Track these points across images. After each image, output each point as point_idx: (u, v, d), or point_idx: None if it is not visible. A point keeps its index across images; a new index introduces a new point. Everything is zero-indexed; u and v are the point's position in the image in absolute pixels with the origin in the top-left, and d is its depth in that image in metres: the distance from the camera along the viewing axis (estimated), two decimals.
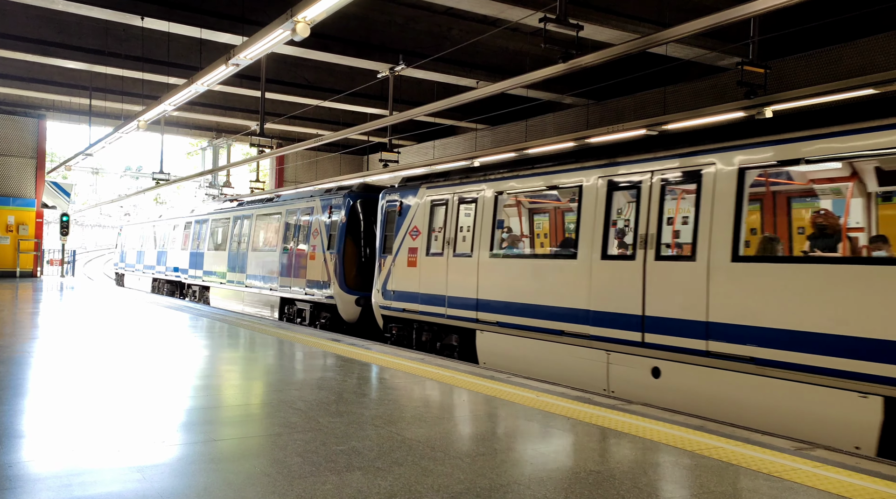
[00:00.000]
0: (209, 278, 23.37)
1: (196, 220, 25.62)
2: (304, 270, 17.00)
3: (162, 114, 16.53)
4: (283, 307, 18.31)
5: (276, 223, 19.19)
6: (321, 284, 16.13)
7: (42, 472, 4.32)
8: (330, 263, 15.73)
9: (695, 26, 8.28)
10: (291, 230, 18.06)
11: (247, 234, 20.72)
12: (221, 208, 24.33)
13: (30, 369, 7.87)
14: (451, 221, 12.33)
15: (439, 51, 16.56)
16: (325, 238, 16.18)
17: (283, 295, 18.06)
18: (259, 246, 19.99)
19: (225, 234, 22.65)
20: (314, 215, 16.96)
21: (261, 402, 6.73)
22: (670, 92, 18.12)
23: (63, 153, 53.22)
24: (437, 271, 12.42)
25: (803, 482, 4.44)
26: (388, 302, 13.80)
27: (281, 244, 18.38)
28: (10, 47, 17.25)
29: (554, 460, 4.84)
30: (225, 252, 22.17)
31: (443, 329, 12.52)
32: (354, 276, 15.57)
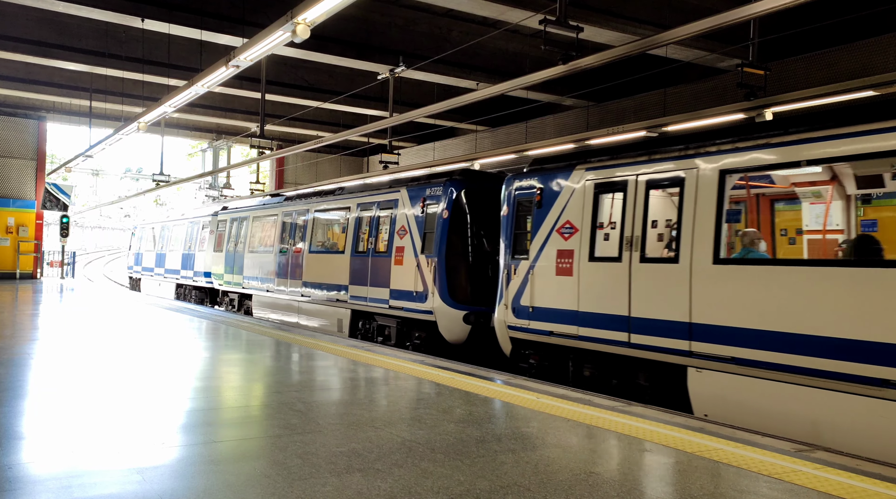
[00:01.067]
0: (251, 285, 20.23)
1: (232, 218, 22.41)
2: (386, 278, 13.94)
3: (162, 115, 16.54)
4: (357, 322, 15.21)
5: (342, 220, 16.25)
6: (413, 295, 13.08)
7: (42, 473, 4.32)
8: (426, 269, 12.70)
9: (695, 28, 8.29)
10: (365, 228, 15.07)
11: (301, 233, 17.73)
12: (265, 203, 21.10)
13: (30, 371, 7.87)
14: (635, 214, 9.06)
15: (439, 52, 16.57)
16: (416, 238, 13.17)
17: (356, 308, 14.94)
18: (319, 248, 17.14)
19: (271, 233, 19.62)
20: (398, 209, 13.93)
21: (261, 403, 6.72)
22: (670, 93, 18.14)
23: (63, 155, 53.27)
24: (610, 283, 9.23)
25: (804, 484, 4.44)
26: (524, 322, 10.55)
27: (351, 246, 15.34)
28: (11, 49, 17.26)
29: (554, 462, 4.83)
30: (272, 255, 19.04)
31: (622, 362, 9.25)
32: (462, 285, 12.50)
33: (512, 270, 10.95)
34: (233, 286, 21.65)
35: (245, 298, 21.06)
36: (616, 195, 9.55)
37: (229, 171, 32.01)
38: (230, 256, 21.94)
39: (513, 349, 11.02)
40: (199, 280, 24.55)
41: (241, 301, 21.43)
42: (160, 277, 29.11)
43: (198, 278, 24.61)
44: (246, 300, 20.95)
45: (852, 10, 13.77)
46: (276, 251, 18.88)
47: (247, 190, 31.01)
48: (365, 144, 28.94)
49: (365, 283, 14.65)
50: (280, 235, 18.85)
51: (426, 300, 12.72)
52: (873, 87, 9.14)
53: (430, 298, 12.61)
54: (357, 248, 15.16)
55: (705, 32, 8.47)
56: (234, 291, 21.77)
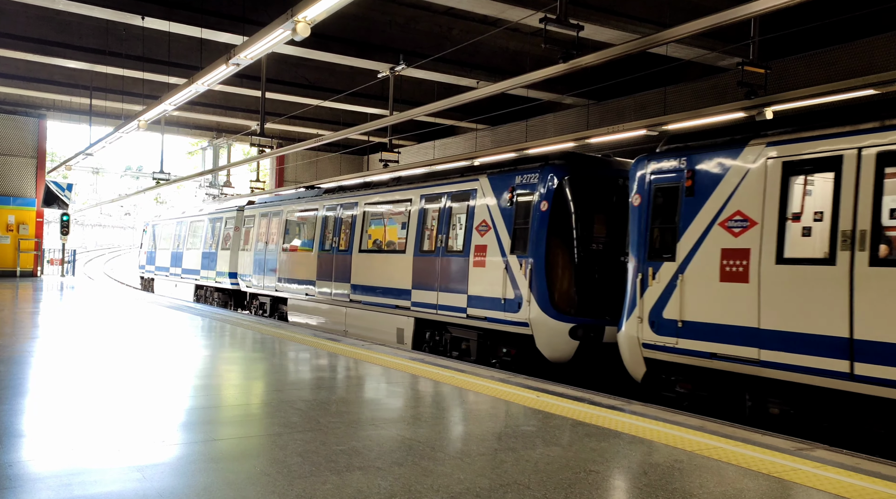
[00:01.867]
0: (286, 288, 18.12)
1: (262, 213, 20.29)
2: (461, 282, 11.85)
3: (162, 113, 16.54)
4: (422, 333, 13.17)
5: (401, 214, 14.31)
6: (501, 303, 10.93)
7: (42, 471, 4.32)
8: (518, 271, 10.68)
9: (695, 26, 8.29)
10: (432, 224, 13.08)
11: (349, 230, 15.68)
12: (302, 196, 18.85)
13: (30, 369, 7.87)
14: (859, 200, 6.81)
15: (440, 51, 16.56)
16: (503, 234, 11.09)
17: (421, 316, 12.93)
18: (372, 246, 15.17)
19: (310, 230, 17.68)
20: (477, 201, 11.87)
21: (261, 401, 6.73)
22: (671, 92, 18.12)
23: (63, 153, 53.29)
24: (814, 292, 7.09)
25: (803, 483, 4.44)
26: (668, 339, 8.47)
27: (414, 244, 13.25)
28: (11, 47, 17.26)
29: (554, 460, 4.83)
30: (311, 254, 17.01)
31: (837, 400, 7.07)
32: (568, 293, 10.42)
33: (649, 274, 8.76)
34: (264, 289, 19.43)
35: (279, 302, 19.00)
36: (822, 176, 7.35)
37: (229, 169, 31.98)
38: (260, 256, 19.76)
39: (647, 373, 8.79)
40: (222, 281, 22.37)
41: (274, 306, 19.34)
42: (176, 277, 27.00)
43: (221, 280, 22.41)
44: (280, 305, 18.91)
45: (853, 9, 13.76)
46: (316, 250, 16.88)
47: (247, 188, 31.04)
48: (365, 143, 28.94)
49: (433, 287, 12.58)
50: (321, 232, 16.77)
51: (519, 309, 10.62)
52: (874, 86, 9.14)
53: (525, 307, 10.51)
54: (421, 246, 13.11)
55: (706, 31, 8.47)
56: (265, 294, 19.62)
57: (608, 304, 10.27)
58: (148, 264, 31.12)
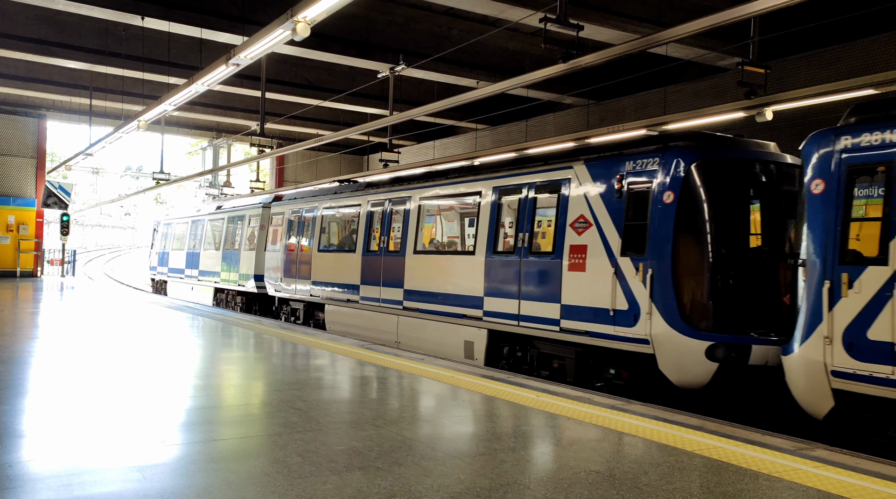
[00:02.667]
0: (324, 293, 16.32)
1: (292, 210, 18.48)
2: (552, 289, 10.11)
3: (162, 114, 16.54)
4: (498, 347, 11.45)
5: (467, 209, 12.97)
6: (609, 314, 9.22)
7: (42, 471, 4.32)
8: (633, 277, 8.95)
9: (695, 26, 8.29)
10: (509, 220, 11.60)
11: (400, 228, 14.04)
12: (339, 191, 16.94)
13: (30, 369, 7.87)
14: None
15: (439, 51, 16.56)
16: (610, 232, 9.36)
17: (496, 328, 11.23)
18: (429, 247, 13.61)
19: (352, 228, 15.95)
20: (571, 192, 10.06)
21: (261, 402, 6.73)
22: (671, 92, 18.13)
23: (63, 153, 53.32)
24: None
25: (803, 482, 4.44)
26: (876, 368, 6.69)
27: (486, 244, 11.59)
28: (11, 47, 17.26)
29: (554, 460, 4.83)
30: (354, 255, 15.22)
31: None
32: (703, 302, 8.65)
33: (842, 282, 6.94)
34: (296, 294, 17.58)
35: (314, 308, 17.23)
36: None
37: (229, 169, 31.98)
38: (291, 257, 17.93)
39: (836, 408, 6.98)
40: (246, 284, 20.57)
41: (309, 312, 17.53)
42: (192, 280, 25.12)
43: (245, 282, 20.63)
44: (316, 311, 17.13)
45: (853, 9, 13.77)
46: (360, 250, 15.03)
47: (247, 188, 31.04)
48: (365, 143, 28.95)
49: (512, 294, 10.88)
50: (366, 231, 14.94)
51: (635, 323, 8.92)
52: (874, 86, 9.14)
53: (644, 321, 8.80)
54: (495, 246, 11.42)
55: (705, 31, 8.47)
56: (297, 299, 17.70)
57: (754, 317, 8.47)
58: (160, 266, 29.26)
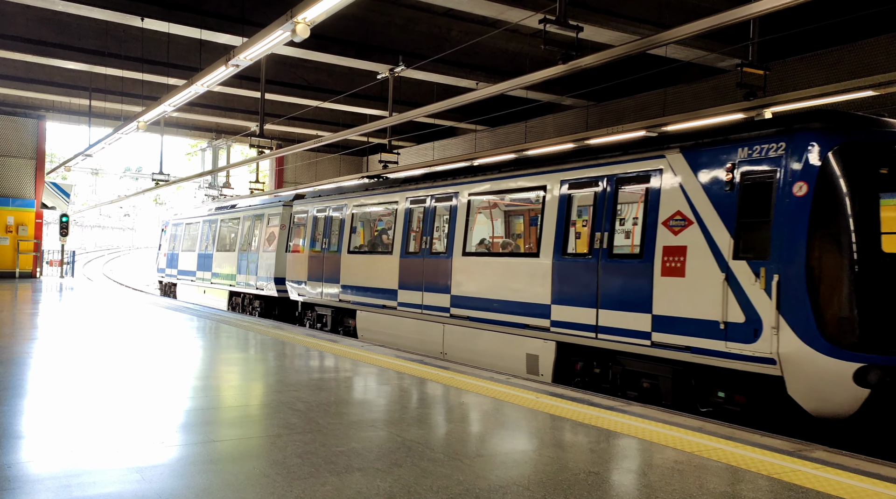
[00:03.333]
0: (355, 299, 14.93)
1: (317, 208, 17.07)
2: (641, 296, 8.75)
3: (161, 115, 16.54)
4: (568, 362, 10.04)
5: (527, 206, 12.01)
6: (719, 328, 7.81)
7: (41, 472, 4.31)
8: (752, 285, 7.58)
9: (695, 28, 8.29)
10: (581, 218, 10.38)
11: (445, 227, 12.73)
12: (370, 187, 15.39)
13: (29, 370, 7.86)
14: None
15: (439, 52, 16.57)
16: (717, 232, 8.00)
17: (566, 340, 9.85)
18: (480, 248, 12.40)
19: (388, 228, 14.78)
20: (664, 184, 8.72)
21: (260, 403, 6.72)
22: (671, 93, 18.14)
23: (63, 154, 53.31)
24: None
25: (802, 484, 4.44)
26: None
27: (553, 244, 10.17)
28: (10, 48, 17.26)
29: (554, 462, 4.83)
30: (392, 257, 13.85)
31: None
32: (849, 315, 7.14)
33: None
34: (323, 298, 16.19)
35: (344, 314, 15.87)
36: None
37: (229, 170, 31.98)
38: (317, 259, 16.69)
39: None
40: (265, 288, 19.36)
41: (337, 318, 16.17)
42: (204, 282, 23.94)
43: (264, 286, 19.41)
44: (346, 318, 15.77)
45: (853, 10, 13.78)
46: (398, 252, 13.73)
47: (246, 189, 31.02)
48: (364, 144, 28.95)
49: (588, 302, 9.47)
50: (405, 231, 13.72)
51: (756, 338, 7.50)
52: (874, 87, 9.14)
53: (769, 336, 7.37)
54: (565, 248, 10.04)
55: (705, 32, 8.47)
56: (325, 304, 16.32)
57: None
58: (168, 268, 27.87)
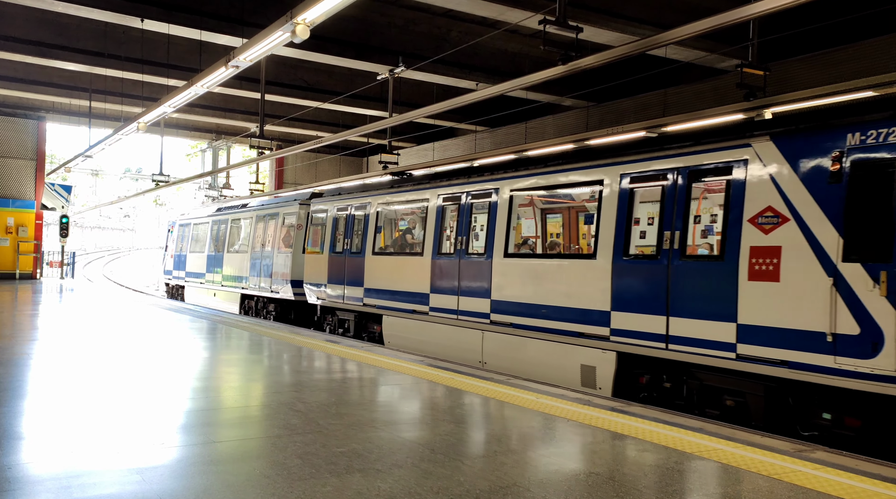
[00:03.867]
0: (381, 303, 14.08)
1: (338, 207, 16.18)
2: (723, 304, 7.89)
3: (161, 116, 16.53)
4: (630, 374, 9.14)
5: (583, 203, 11.18)
6: (826, 340, 6.98)
7: (41, 473, 4.31)
8: (869, 291, 6.72)
9: (694, 28, 8.29)
10: (645, 214, 9.22)
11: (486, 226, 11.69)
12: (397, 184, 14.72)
13: (29, 371, 7.86)
14: None
15: (439, 53, 16.57)
16: (821, 230, 7.14)
17: (631, 350, 8.96)
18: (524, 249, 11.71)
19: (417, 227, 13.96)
20: (749, 176, 7.91)
21: (260, 404, 6.72)
22: (671, 94, 18.14)
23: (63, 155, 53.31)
24: None
25: (803, 484, 4.44)
26: None
27: (614, 244, 9.30)
28: (10, 49, 17.26)
29: (554, 463, 4.83)
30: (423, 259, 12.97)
31: None
32: None
33: None
34: (345, 302, 15.34)
35: (368, 319, 15.04)
36: None
37: (229, 171, 31.98)
38: (338, 260, 15.76)
39: None
40: (280, 291, 18.55)
41: (360, 324, 15.28)
42: (214, 285, 23.13)
43: (279, 288, 18.60)
44: (370, 323, 14.97)
45: (854, 10, 13.77)
46: (430, 253, 12.84)
47: (246, 190, 31.02)
48: (364, 145, 28.94)
49: (656, 309, 8.55)
50: (437, 230, 12.86)
51: (875, 353, 6.59)
52: (874, 88, 9.13)
53: (893, 351, 6.48)
54: (626, 248, 9.09)
55: (705, 33, 8.46)
56: (346, 308, 15.43)
57: None
58: (176, 270, 26.95)
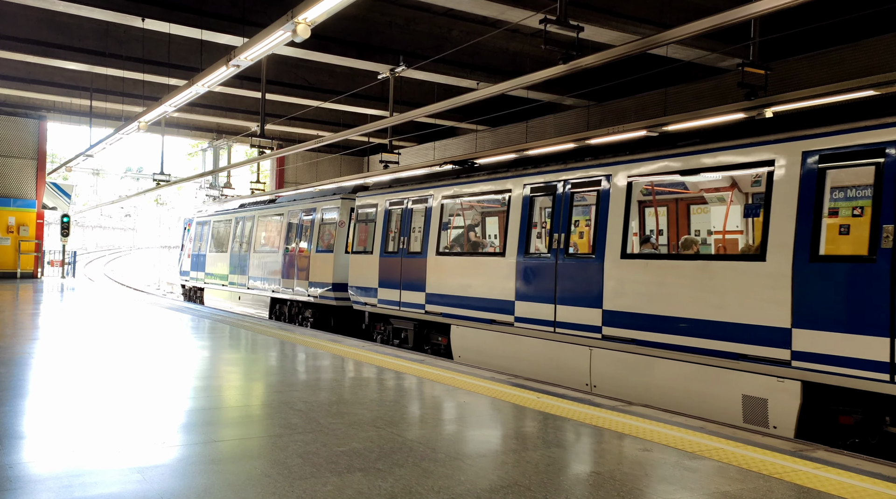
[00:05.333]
0: (448, 309, 12.34)
1: (392, 201, 14.36)
2: None
3: (162, 115, 16.55)
4: (825, 410, 7.16)
5: (743, 187, 9.47)
6: None
7: (43, 473, 4.32)
8: None
9: (695, 27, 8.28)
10: (843, 205, 7.46)
11: (591, 221, 9.98)
12: (465, 173, 12.98)
13: (30, 370, 7.87)
14: None
15: (440, 52, 16.56)
16: None
17: (826, 380, 6.98)
18: (650, 247, 10.00)
19: (497, 224, 12.83)
20: None
21: (261, 403, 6.72)
22: (672, 93, 18.13)
23: (64, 154, 53.32)
24: None
25: (803, 484, 4.43)
26: None
27: (793, 240, 7.35)
28: (11, 48, 17.27)
29: (555, 462, 4.83)
30: (506, 260, 11.09)
31: None
32: None
33: None
34: (402, 309, 13.56)
35: (431, 329, 13.16)
36: None
37: (230, 170, 31.99)
38: (391, 261, 13.91)
39: None
40: (319, 295, 16.87)
41: (421, 333, 13.42)
42: (239, 288, 21.29)
43: (318, 292, 16.89)
44: (433, 333, 13.09)
45: (855, 10, 13.76)
46: (515, 252, 10.94)
47: (247, 190, 31.02)
48: (365, 144, 28.96)
49: (871, 326, 6.58)
50: (523, 226, 10.86)
51: None
52: (875, 87, 9.12)
53: None
54: (815, 246, 7.16)
55: (706, 32, 8.46)
56: (403, 316, 13.62)
57: None
58: (194, 270, 25.13)
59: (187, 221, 27.65)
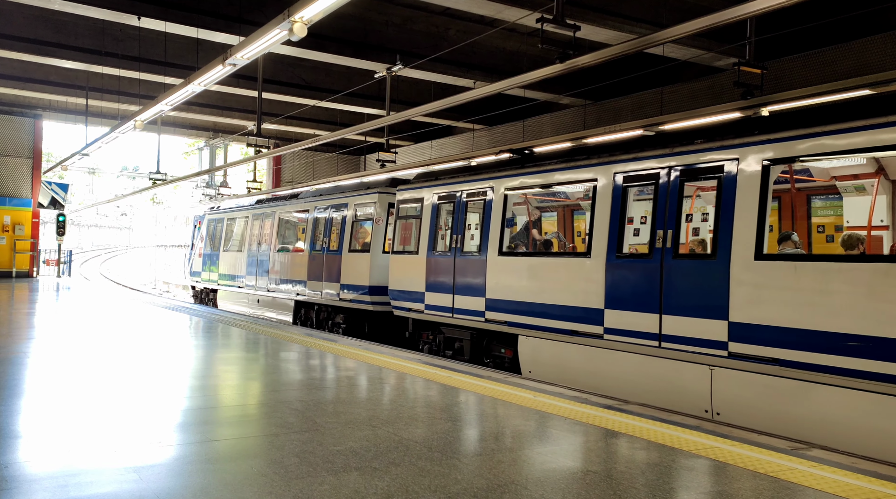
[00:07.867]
0: (515, 317, 10.88)
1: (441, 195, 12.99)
2: None
3: (158, 114, 16.51)
4: None
5: None
6: None
7: (38, 472, 4.31)
8: None
9: (691, 27, 8.29)
10: None
11: (712, 216, 8.54)
12: (531, 162, 11.62)
13: (26, 370, 7.85)
14: None
15: (436, 51, 16.56)
16: None
17: None
18: (789, 247, 8.03)
19: (574, 221, 11.71)
20: None
21: (258, 402, 6.71)
22: (668, 92, 18.15)
23: (59, 153, 53.18)
24: None
25: (800, 482, 4.45)
26: None
27: None
28: (7, 47, 17.22)
29: (551, 461, 4.83)
30: (590, 261, 9.65)
31: None
32: None
33: None
34: (455, 316, 12.19)
35: (492, 339, 11.70)
36: None
37: (226, 169, 31.90)
38: (440, 261, 12.59)
39: None
40: (352, 298, 15.40)
41: (479, 343, 12.00)
42: (258, 290, 19.83)
43: (351, 296, 15.40)
44: (495, 344, 11.66)
45: (849, 9, 13.80)
46: (603, 253, 9.49)
47: (244, 189, 30.95)
48: (362, 143, 28.93)
49: None
50: (613, 221, 9.47)
51: None
52: (870, 86, 9.15)
53: None
54: None
55: (702, 31, 8.47)
56: (457, 324, 12.25)
57: None
58: (206, 271, 23.53)
59: (197, 218, 25.81)
